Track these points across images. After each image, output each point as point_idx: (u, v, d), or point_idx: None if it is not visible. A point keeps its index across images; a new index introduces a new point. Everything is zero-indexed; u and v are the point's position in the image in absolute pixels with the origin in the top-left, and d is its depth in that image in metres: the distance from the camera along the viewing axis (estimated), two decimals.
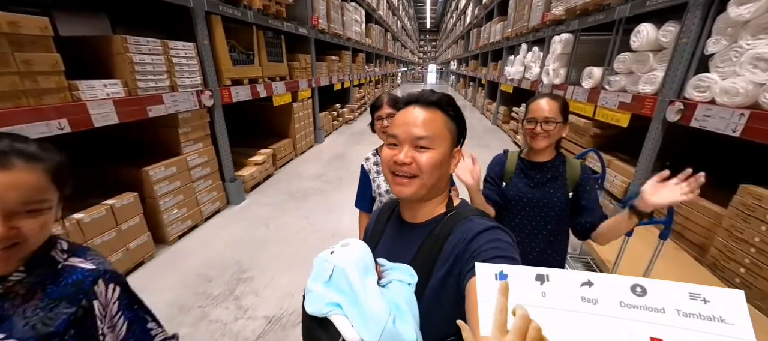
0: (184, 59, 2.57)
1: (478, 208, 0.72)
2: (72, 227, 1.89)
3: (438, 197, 0.69)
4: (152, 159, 2.51)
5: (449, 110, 0.66)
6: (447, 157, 0.65)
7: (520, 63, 5.93)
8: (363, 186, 1.39)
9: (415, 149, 0.63)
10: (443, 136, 0.63)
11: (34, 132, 1.63)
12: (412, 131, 0.63)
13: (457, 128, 0.68)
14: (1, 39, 1.48)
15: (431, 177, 0.63)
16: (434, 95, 0.68)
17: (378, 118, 1.29)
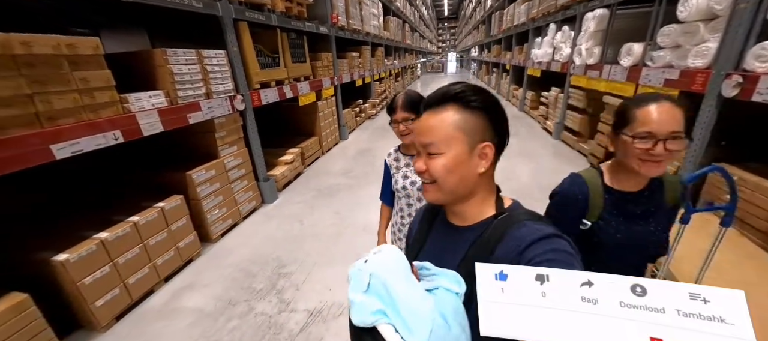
0: (216, 67, 2.68)
1: (530, 210, 0.64)
2: (130, 229, 2.05)
3: (476, 198, 0.65)
4: (193, 163, 2.67)
5: (470, 100, 0.60)
6: (463, 157, 0.60)
7: (548, 45, 5.65)
8: (385, 180, 1.46)
9: (428, 156, 0.63)
10: (452, 137, 0.59)
11: (93, 144, 1.78)
12: (420, 140, 0.64)
13: (484, 119, 0.61)
14: (62, 61, 1.63)
15: (447, 182, 0.61)
16: (442, 90, 0.62)
17: (394, 122, 1.29)
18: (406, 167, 1.36)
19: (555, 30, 5.40)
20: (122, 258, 2.01)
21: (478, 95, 0.60)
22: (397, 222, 1.47)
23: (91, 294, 1.84)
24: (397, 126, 1.27)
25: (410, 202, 1.37)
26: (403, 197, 1.38)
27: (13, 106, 1.47)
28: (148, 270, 2.18)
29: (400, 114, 1.25)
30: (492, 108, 0.61)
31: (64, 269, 1.73)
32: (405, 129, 1.25)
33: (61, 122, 1.66)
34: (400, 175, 1.36)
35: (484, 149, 0.61)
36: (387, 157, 1.43)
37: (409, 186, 1.33)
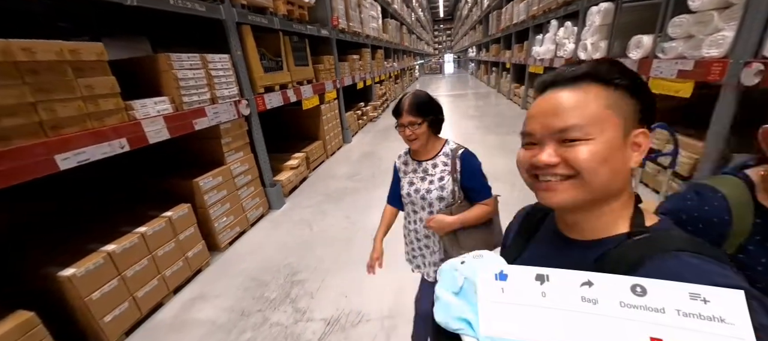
0: (221, 71, 2.63)
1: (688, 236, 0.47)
2: (138, 240, 1.98)
3: (612, 205, 0.50)
4: (199, 170, 2.60)
5: (615, 78, 0.47)
6: (618, 145, 0.46)
7: (550, 41, 5.62)
8: (394, 183, 1.42)
9: (562, 144, 0.48)
10: (604, 118, 0.46)
11: (99, 153, 1.72)
12: (551, 124, 0.48)
13: (635, 100, 0.48)
14: (65, 67, 1.57)
15: (597, 176, 0.46)
16: (583, 65, 0.49)
17: (400, 126, 1.22)
18: (413, 174, 1.31)
19: (557, 26, 5.37)
20: (130, 270, 1.94)
21: (622, 70, 0.48)
22: (404, 231, 1.43)
23: (99, 310, 1.77)
24: (404, 130, 1.20)
25: (415, 209, 1.32)
26: (408, 203, 1.34)
27: (16, 115, 1.40)
28: (156, 282, 2.10)
29: (407, 118, 1.18)
30: (641, 87, 0.48)
31: (71, 284, 1.66)
32: (411, 134, 1.19)
33: (65, 130, 1.59)
34: (406, 181, 1.32)
35: (638, 136, 0.48)
36: (397, 159, 1.38)
37: (412, 194, 1.28)
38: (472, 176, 1.23)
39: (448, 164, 1.24)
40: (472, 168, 1.23)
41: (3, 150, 1.35)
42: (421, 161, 1.29)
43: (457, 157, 1.23)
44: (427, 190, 1.25)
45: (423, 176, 1.27)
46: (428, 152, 1.28)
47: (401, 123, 1.20)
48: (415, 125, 1.18)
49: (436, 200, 1.24)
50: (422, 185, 1.27)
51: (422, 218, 1.30)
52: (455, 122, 7.16)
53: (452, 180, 1.22)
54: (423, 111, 1.18)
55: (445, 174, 1.23)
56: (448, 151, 1.26)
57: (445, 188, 1.22)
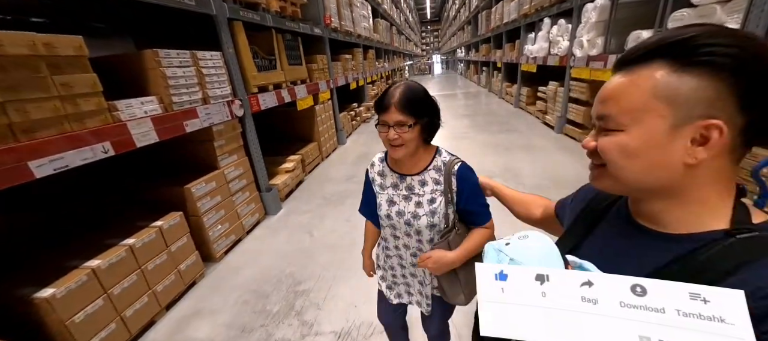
0: (213, 69, 2.46)
1: None
2: (125, 254, 1.80)
3: (686, 199, 0.44)
4: (190, 175, 2.42)
5: (701, 53, 0.38)
6: (656, 139, 0.41)
7: (543, 39, 5.64)
8: (367, 192, 1.12)
9: (601, 131, 0.47)
10: (647, 108, 0.41)
11: (79, 159, 1.54)
12: (595, 109, 0.48)
13: (722, 82, 0.38)
14: (39, 62, 1.39)
15: (622, 170, 0.45)
16: (659, 38, 0.42)
17: (382, 124, 0.91)
18: (394, 190, 1.02)
19: (550, 24, 5.39)
20: (117, 287, 1.76)
21: (716, 41, 0.38)
22: (382, 254, 1.16)
23: (82, 334, 1.58)
24: (387, 132, 0.89)
25: (396, 235, 1.05)
26: (388, 226, 1.05)
27: None
28: (147, 298, 1.92)
29: (395, 115, 0.87)
30: (746, 63, 0.37)
31: (50, 306, 1.47)
32: (397, 138, 0.88)
33: (39, 134, 1.41)
34: (384, 198, 1.03)
35: (708, 129, 0.39)
36: (370, 167, 1.09)
37: (394, 216, 1.00)
38: (472, 198, 0.98)
39: (440, 182, 0.97)
40: (472, 187, 0.98)
41: None
42: (404, 175, 1.01)
43: (452, 173, 0.96)
44: (413, 215, 0.98)
45: (407, 196, 1.00)
46: (415, 165, 0.99)
47: (385, 121, 0.89)
48: (404, 127, 0.88)
49: (427, 228, 0.98)
50: (407, 206, 0.99)
51: (407, 244, 1.05)
52: (447, 121, 7.03)
53: (445, 202, 0.97)
54: (417, 110, 0.89)
55: (437, 195, 0.97)
56: (440, 164, 0.99)
57: (437, 212, 0.96)
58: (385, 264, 1.17)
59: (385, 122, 0.90)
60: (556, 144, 4.83)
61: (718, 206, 0.44)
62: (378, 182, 1.05)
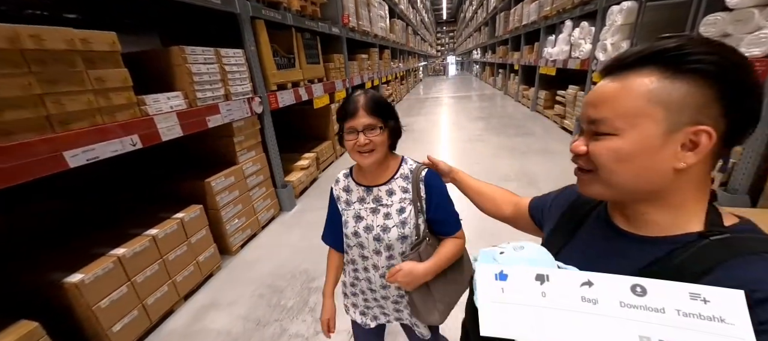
0: (235, 67, 2.52)
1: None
2: (148, 244, 1.86)
3: (667, 201, 0.46)
4: (209, 170, 2.48)
5: (689, 60, 0.40)
6: (651, 143, 0.42)
7: (564, 42, 5.51)
8: (332, 214, 1.04)
9: (593, 136, 0.47)
10: (639, 113, 0.42)
11: (109, 151, 1.60)
12: (586, 113, 0.48)
13: (709, 88, 0.40)
14: (76, 57, 1.45)
15: (614, 174, 0.45)
16: (646, 46, 0.43)
17: (350, 132, 0.86)
18: (360, 204, 0.95)
19: (572, 27, 5.26)
20: (140, 275, 1.82)
21: (703, 49, 0.40)
22: (349, 280, 1.07)
23: (107, 319, 1.65)
24: (356, 138, 0.84)
25: (365, 254, 0.96)
26: (355, 246, 0.97)
27: (22, 107, 1.29)
28: (167, 288, 1.98)
29: (364, 119, 0.84)
30: (727, 71, 0.39)
31: (79, 291, 1.54)
32: (368, 143, 0.84)
33: (74, 125, 1.48)
34: (351, 214, 0.96)
35: (697, 134, 0.41)
36: (334, 184, 1.02)
37: (362, 233, 0.93)
38: (441, 205, 0.94)
39: (408, 189, 0.92)
40: (441, 193, 0.94)
41: (5, 145, 1.23)
42: (370, 186, 0.95)
43: (419, 180, 0.92)
44: (382, 227, 0.91)
45: (375, 208, 0.93)
46: (381, 174, 0.94)
47: (353, 127, 0.85)
48: (374, 130, 0.84)
49: (398, 240, 0.91)
50: (375, 220, 0.93)
51: (377, 264, 0.95)
52: (461, 123, 7.04)
53: (415, 211, 0.91)
54: (384, 113, 0.87)
55: (406, 204, 0.92)
56: (407, 172, 0.94)
57: (408, 222, 0.91)
58: (350, 288, 1.08)
59: (353, 129, 0.85)
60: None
61: (694, 209, 0.46)
62: (343, 199, 0.99)
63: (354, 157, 0.89)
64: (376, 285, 0.99)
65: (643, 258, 0.46)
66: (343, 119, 0.87)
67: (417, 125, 7.23)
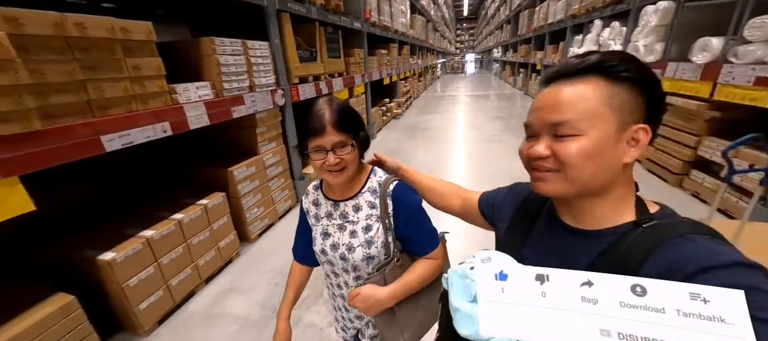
0: (260, 59, 2.56)
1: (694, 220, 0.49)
2: (174, 228, 1.94)
3: (612, 195, 0.51)
4: (231, 159, 2.55)
5: (619, 71, 0.47)
6: (608, 142, 0.47)
7: (592, 42, 5.31)
8: (302, 229, 0.98)
9: (555, 138, 0.50)
10: (597, 114, 0.47)
11: (142, 137, 1.67)
12: (546, 117, 0.50)
13: (639, 94, 0.48)
14: (115, 45, 1.51)
15: (581, 171, 0.49)
16: (583, 59, 0.50)
17: (318, 151, 0.78)
18: (328, 220, 0.89)
19: (601, 26, 5.06)
20: (166, 257, 1.90)
21: (629, 63, 0.48)
22: (330, 290, 1.00)
23: (135, 297, 1.73)
24: (325, 158, 0.76)
25: (335, 271, 0.91)
26: (325, 263, 0.92)
27: (65, 92, 1.36)
28: (190, 271, 2.06)
29: (333, 136, 0.76)
30: (647, 82, 0.48)
31: (111, 269, 1.62)
32: (338, 161, 0.77)
33: (111, 111, 1.55)
34: (319, 230, 0.90)
35: (637, 132, 0.48)
36: (304, 197, 0.97)
37: (329, 251, 0.87)
38: (412, 221, 0.85)
39: (376, 205, 0.84)
40: (412, 208, 0.85)
41: (51, 128, 1.30)
42: (337, 201, 0.88)
43: (387, 194, 0.84)
44: (347, 247, 0.84)
45: (341, 225, 0.87)
46: (349, 188, 0.87)
47: (320, 146, 0.76)
48: (345, 148, 0.77)
49: (363, 261, 0.84)
50: (341, 238, 0.85)
51: (348, 282, 0.90)
52: (478, 123, 6.92)
53: (384, 229, 0.84)
54: (353, 126, 0.80)
55: (373, 221, 0.84)
56: (375, 185, 0.86)
57: (374, 242, 0.83)
58: (331, 303, 1.03)
59: (320, 147, 0.76)
60: None
61: (627, 200, 0.52)
62: (312, 213, 0.92)
63: (322, 176, 0.82)
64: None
65: (593, 251, 0.51)
66: (308, 137, 0.79)
67: (432, 123, 7.16)
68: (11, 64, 1.14)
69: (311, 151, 0.79)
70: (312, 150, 0.79)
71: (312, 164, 0.80)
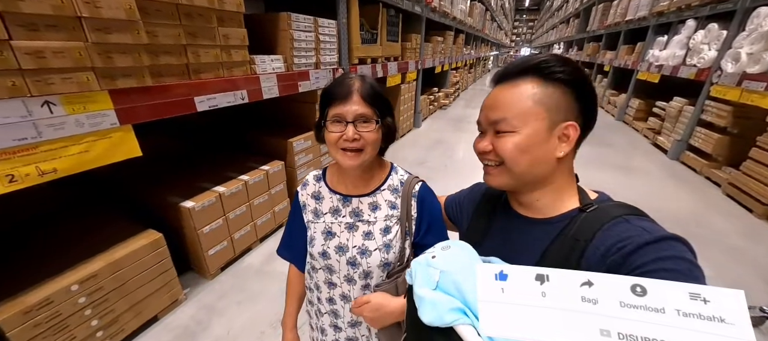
0: (327, 36, 2.64)
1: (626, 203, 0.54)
2: (241, 187, 2.12)
3: (552, 186, 0.57)
4: (288, 131, 2.70)
5: (554, 71, 0.52)
6: (540, 137, 0.53)
7: (679, 45, 4.71)
8: (293, 225, 0.85)
9: (496, 134, 0.56)
10: (529, 113, 0.52)
11: (225, 101, 1.83)
12: (488, 115, 0.57)
13: (569, 95, 0.53)
14: (212, 14, 1.65)
15: (517, 165, 0.54)
16: (519, 61, 0.56)
17: (335, 119, 0.67)
18: (333, 217, 0.77)
19: (695, 28, 4.45)
20: (232, 213, 2.10)
21: (564, 66, 0.53)
22: (313, 306, 0.86)
23: (206, 243, 1.95)
24: (343, 130, 0.66)
25: (333, 280, 0.78)
26: (322, 269, 0.78)
27: (171, 54, 1.52)
28: (249, 228, 2.26)
29: (357, 106, 0.66)
30: (580, 83, 0.53)
31: (190, 215, 1.83)
32: (357, 138, 0.67)
33: (203, 76, 1.70)
34: (319, 228, 0.77)
35: (567, 129, 0.53)
36: (301, 188, 0.83)
37: (333, 254, 0.75)
38: (434, 229, 0.77)
39: (396, 205, 0.75)
40: (435, 215, 0.78)
41: (158, 85, 1.48)
42: (348, 196, 0.77)
43: (411, 194, 0.75)
44: (361, 250, 0.73)
45: (352, 224, 0.76)
46: (365, 183, 0.77)
47: (340, 114, 0.66)
48: (369, 124, 0.67)
49: (379, 267, 0.73)
50: (351, 239, 0.74)
51: (345, 294, 0.77)
52: None
53: (401, 234, 0.74)
54: (382, 105, 0.70)
55: (393, 222, 0.75)
56: (396, 183, 0.77)
57: (392, 247, 0.73)
58: (313, 321, 0.88)
59: (340, 117, 0.66)
60: (665, 171, 4.11)
61: (570, 190, 0.58)
62: (311, 208, 0.79)
63: (335, 155, 0.70)
64: (344, 320, 0.80)
65: (546, 238, 0.55)
66: (328, 103, 0.69)
67: None
68: (135, 25, 1.31)
69: (328, 120, 0.68)
70: (330, 119, 0.67)
71: (326, 136, 0.69)
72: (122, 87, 1.33)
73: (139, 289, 1.59)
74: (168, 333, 1.68)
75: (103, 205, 1.94)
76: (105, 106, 1.29)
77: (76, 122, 1.21)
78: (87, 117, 1.24)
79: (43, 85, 1.12)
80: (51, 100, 1.14)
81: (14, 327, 1.19)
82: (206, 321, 1.76)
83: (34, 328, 1.24)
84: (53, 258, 1.44)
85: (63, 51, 1.13)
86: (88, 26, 1.18)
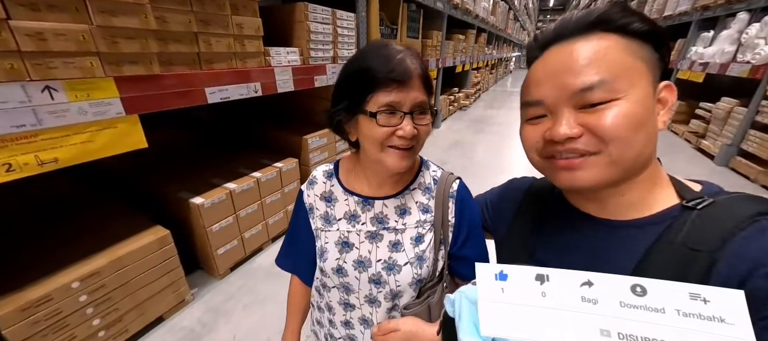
0: (346, 30, 2.53)
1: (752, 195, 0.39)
2: (253, 185, 2.04)
3: (647, 173, 0.42)
4: (303, 127, 2.60)
5: (634, 22, 0.38)
6: (651, 103, 0.39)
7: (728, 40, 4.29)
8: (297, 231, 0.70)
9: (583, 110, 0.39)
10: (633, 69, 0.38)
11: (237, 93, 1.74)
12: (567, 83, 0.39)
13: (653, 50, 0.40)
14: (224, 2, 1.57)
15: (631, 147, 0.38)
16: (585, 14, 0.40)
17: (389, 109, 0.52)
18: (350, 223, 0.63)
19: (748, 21, 4.03)
20: (243, 211, 2.01)
21: (639, 15, 0.39)
22: (323, 329, 0.73)
23: (216, 241, 1.87)
24: (398, 124, 0.52)
25: (350, 301, 0.64)
26: (337, 288, 0.65)
27: (181, 42, 1.45)
28: (260, 227, 2.17)
29: (417, 93, 0.53)
30: (660, 33, 0.39)
31: (199, 212, 1.76)
32: (415, 134, 0.54)
33: (215, 66, 1.63)
34: (332, 238, 0.63)
35: (663, 91, 0.41)
36: (306, 187, 0.69)
37: (351, 270, 0.61)
38: (473, 237, 0.63)
39: (430, 209, 0.62)
40: (474, 218, 0.64)
41: (167, 74, 1.40)
42: (370, 198, 0.63)
43: (448, 195, 0.61)
44: (388, 265, 0.60)
45: (374, 233, 0.62)
46: (395, 182, 0.63)
47: (397, 104, 0.52)
48: (425, 116, 0.55)
49: (410, 285, 0.60)
50: (374, 251, 0.61)
51: (366, 317, 0.64)
52: None
53: (435, 243, 0.61)
54: (431, 92, 0.58)
55: (426, 230, 0.61)
56: (429, 181, 0.64)
57: (426, 259, 0.60)
58: None
59: (395, 106, 0.51)
60: (714, 178, 3.53)
61: (662, 179, 0.44)
62: (320, 213, 0.65)
63: (379, 155, 0.55)
64: None
65: (636, 245, 0.41)
66: (371, 86, 0.52)
67: (499, 118, 6.68)
68: (143, 8, 1.23)
69: (381, 111, 0.51)
70: (381, 109, 0.51)
71: (370, 131, 0.53)
72: (129, 74, 1.26)
73: (143, 288, 1.52)
74: (172, 336, 1.60)
75: (108, 197, 1.90)
76: (110, 94, 1.22)
77: (79, 109, 1.14)
78: (91, 105, 1.17)
79: (44, 69, 1.05)
80: (52, 85, 1.08)
81: (11, 324, 1.13)
82: (212, 323, 1.67)
83: (32, 326, 1.18)
84: (54, 253, 1.39)
85: (65, 33, 1.07)
86: (92, 8, 1.11)
